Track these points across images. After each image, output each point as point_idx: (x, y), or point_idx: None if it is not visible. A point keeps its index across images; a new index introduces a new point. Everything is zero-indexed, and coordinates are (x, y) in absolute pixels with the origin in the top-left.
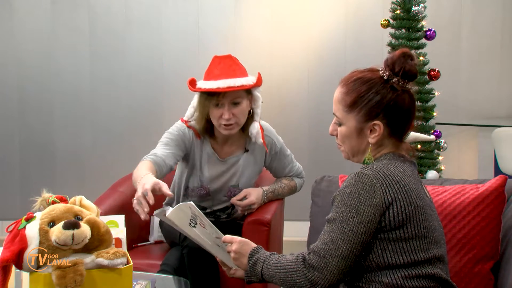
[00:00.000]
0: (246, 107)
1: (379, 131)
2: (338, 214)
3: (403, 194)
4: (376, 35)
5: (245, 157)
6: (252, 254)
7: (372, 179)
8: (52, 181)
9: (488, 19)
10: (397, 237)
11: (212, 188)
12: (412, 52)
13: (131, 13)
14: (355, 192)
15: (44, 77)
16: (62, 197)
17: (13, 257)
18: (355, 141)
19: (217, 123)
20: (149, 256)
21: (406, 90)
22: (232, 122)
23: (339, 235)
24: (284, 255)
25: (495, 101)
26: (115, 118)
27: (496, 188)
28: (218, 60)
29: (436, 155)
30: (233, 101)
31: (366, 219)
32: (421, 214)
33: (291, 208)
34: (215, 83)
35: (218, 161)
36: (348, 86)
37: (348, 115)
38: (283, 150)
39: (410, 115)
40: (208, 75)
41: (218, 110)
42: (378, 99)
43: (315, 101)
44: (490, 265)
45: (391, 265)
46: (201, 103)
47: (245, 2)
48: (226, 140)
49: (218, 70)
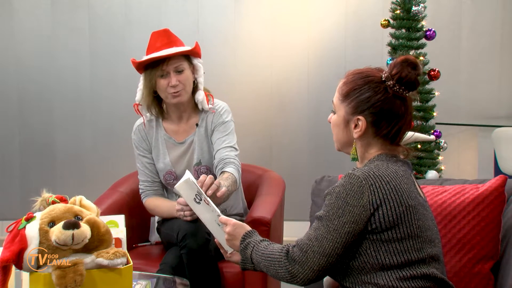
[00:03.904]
0: (190, 75)
1: (361, 127)
2: (325, 212)
3: (393, 195)
4: (376, 35)
5: (198, 132)
6: (244, 238)
7: (361, 180)
8: (52, 181)
9: (488, 19)
10: (390, 237)
11: (179, 171)
12: (417, 61)
13: (131, 13)
14: (343, 192)
15: (44, 77)
16: (62, 197)
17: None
18: (341, 131)
19: (165, 94)
20: (149, 256)
21: (399, 95)
22: (179, 88)
23: (323, 233)
24: (273, 243)
25: (495, 101)
26: (115, 118)
27: (496, 188)
28: (157, 34)
29: (436, 155)
30: (176, 69)
31: (351, 219)
32: (413, 214)
33: (291, 208)
34: (157, 54)
35: (177, 144)
36: (349, 77)
37: (341, 104)
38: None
39: (399, 120)
40: (150, 49)
41: (164, 80)
42: (368, 96)
43: (315, 101)
44: (490, 265)
45: (385, 266)
46: (147, 77)
47: (245, 2)
48: (179, 118)
49: (158, 43)
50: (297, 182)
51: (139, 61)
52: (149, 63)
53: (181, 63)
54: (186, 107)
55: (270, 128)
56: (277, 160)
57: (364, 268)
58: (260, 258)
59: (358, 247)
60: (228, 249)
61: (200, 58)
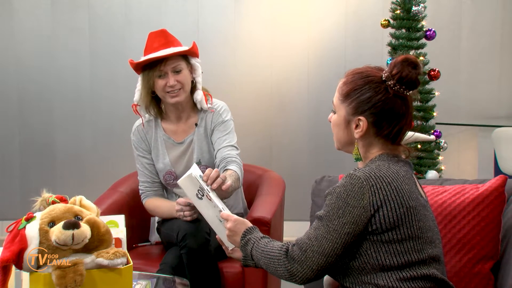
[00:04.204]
0: (188, 75)
1: (362, 127)
2: (326, 212)
3: (394, 196)
4: (376, 35)
5: (197, 132)
6: (245, 234)
7: (362, 180)
8: (52, 181)
9: (488, 19)
10: (390, 238)
11: (178, 171)
12: (417, 61)
13: (131, 13)
14: (344, 193)
15: (44, 77)
16: (62, 197)
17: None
18: (342, 131)
19: (163, 94)
20: (149, 256)
21: (399, 95)
22: (177, 88)
23: (323, 233)
24: (273, 240)
25: (495, 101)
26: (115, 118)
27: (496, 188)
28: (154, 34)
29: (436, 155)
30: (174, 69)
31: (351, 220)
32: (414, 215)
33: (291, 208)
34: (155, 54)
35: (176, 144)
36: (349, 77)
37: (341, 105)
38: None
39: (400, 120)
40: (147, 50)
41: (162, 80)
42: (368, 96)
43: (315, 101)
44: (490, 265)
45: (385, 267)
46: (145, 78)
47: (245, 2)
48: (178, 118)
49: (156, 43)
50: (297, 182)
51: (137, 62)
52: (147, 63)
53: (179, 63)
54: (185, 107)
55: (270, 128)
56: (277, 160)
57: (364, 269)
58: (260, 255)
59: (359, 247)
60: (230, 246)
61: (198, 58)
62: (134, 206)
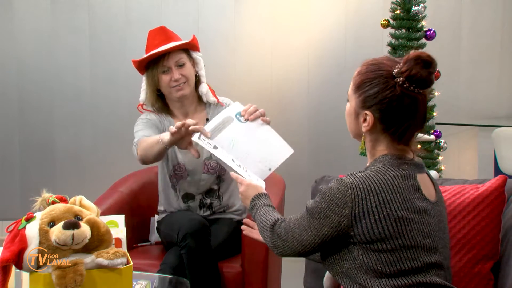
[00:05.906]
0: (191, 68)
1: (369, 122)
2: (311, 208)
3: (380, 207)
4: (376, 35)
5: None
6: (254, 199)
7: (348, 189)
8: (52, 181)
9: (488, 19)
10: (380, 248)
11: (188, 166)
12: (431, 58)
13: (131, 13)
14: (329, 197)
15: (44, 77)
16: (62, 197)
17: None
18: (352, 122)
19: (168, 90)
20: (149, 256)
21: (407, 93)
22: (182, 82)
23: (305, 226)
24: (273, 211)
25: (495, 101)
26: (115, 118)
27: (496, 188)
28: (154, 32)
29: (436, 155)
30: (178, 63)
31: (331, 224)
32: (405, 225)
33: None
34: (157, 50)
35: None
36: (363, 67)
37: (353, 95)
38: None
39: (408, 119)
40: (149, 48)
41: (166, 76)
42: (376, 91)
43: (315, 101)
44: (490, 265)
45: (378, 274)
46: (149, 76)
47: (245, 2)
48: (185, 115)
49: (156, 40)
50: (297, 182)
51: (140, 59)
52: (150, 61)
53: (181, 56)
54: (191, 102)
55: None
56: None
57: (359, 272)
58: (258, 221)
59: (352, 252)
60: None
61: (199, 52)
62: (134, 206)
